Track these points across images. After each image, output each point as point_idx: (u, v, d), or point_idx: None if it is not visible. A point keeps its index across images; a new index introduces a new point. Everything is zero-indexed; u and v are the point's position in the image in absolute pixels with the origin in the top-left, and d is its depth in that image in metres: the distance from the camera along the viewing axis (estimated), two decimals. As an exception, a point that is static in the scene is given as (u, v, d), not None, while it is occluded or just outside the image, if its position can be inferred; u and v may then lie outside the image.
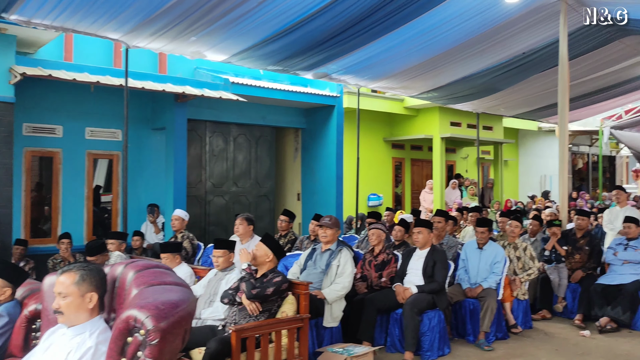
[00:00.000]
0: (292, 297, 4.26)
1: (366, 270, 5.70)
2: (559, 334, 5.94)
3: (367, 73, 8.80)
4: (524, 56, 8.69)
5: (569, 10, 7.06)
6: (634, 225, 6.49)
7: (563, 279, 6.66)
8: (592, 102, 11.95)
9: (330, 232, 5.22)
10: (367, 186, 13.39)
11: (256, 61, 7.60)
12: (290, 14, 6.16)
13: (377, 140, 14.17)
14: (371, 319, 5.17)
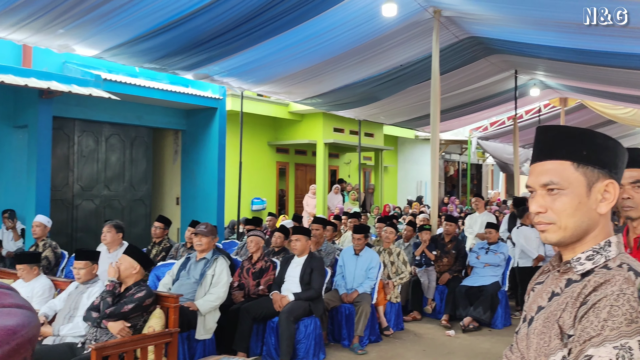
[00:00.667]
0: (160, 311, 4.05)
1: (244, 278, 5.60)
2: (428, 334, 6.23)
3: (251, 76, 8.70)
4: (402, 68, 9.08)
5: (441, 28, 7.47)
6: (495, 230, 7.01)
7: (432, 282, 7.02)
8: (461, 114, 12.78)
9: (206, 240, 5.05)
10: (250, 190, 13.27)
11: (131, 58, 7.20)
12: (168, 11, 5.89)
13: (262, 144, 14.10)
14: (247, 328, 5.08)
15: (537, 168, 1.30)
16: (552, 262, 1.36)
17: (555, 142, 1.29)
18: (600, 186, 1.25)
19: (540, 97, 13.08)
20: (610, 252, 1.24)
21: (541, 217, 1.28)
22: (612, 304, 1.11)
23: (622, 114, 13.33)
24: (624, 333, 1.08)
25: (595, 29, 6.51)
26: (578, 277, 1.24)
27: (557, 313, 1.23)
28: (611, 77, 8.96)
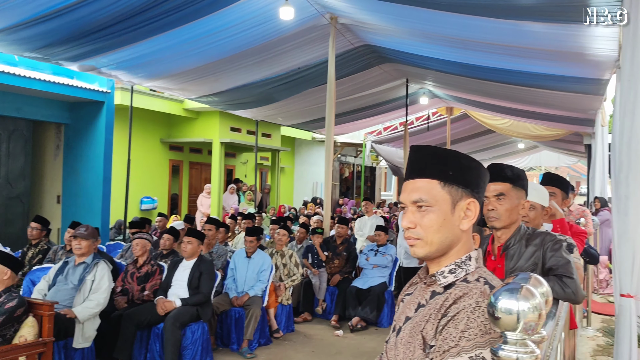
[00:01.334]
0: (33, 319, 3.77)
1: (128, 283, 5.36)
2: (317, 335, 6.33)
3: (142, 70, 8.34)
4: (299, 71, 9.16)
5: (338, 35, 7.63)
6: (383, 233, 7.27)
7: (323, 283, 7.14)
8: (356, 118, 13.14)
9: (86, 244, 4.77)
10: (140, 189, 12.74)
11: (10, 46, 6.63)
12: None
13: (154, 141, 13.58)
14: (129, 335, 4.86)
15: (409, 185, 1.36)
16: (420, 274, 1.43)
17: (425, 161, 1.35)
18: (463, 204, 1.33)
19: (429, 105, 13.78)
20: (470, 266, 1.33)
21: (410, 232, 1.34)
22: (468, 316, 1.19)
23: (500, 124, 14.39)
24: (479, 344, 1.16)
25: (476, 45, 6.99)
26: (441, 290, 1.31)
27: (421, 324, 1.29)
28: (491, 90, 9.64)
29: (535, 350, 1.02)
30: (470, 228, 1.36)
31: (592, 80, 6.96)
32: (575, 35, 5.50)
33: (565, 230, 2.98)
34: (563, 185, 3.76)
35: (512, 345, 1.02)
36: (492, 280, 1.30)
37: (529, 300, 1.02)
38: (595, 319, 6.87)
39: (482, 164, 1.40)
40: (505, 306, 1.02)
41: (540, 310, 1.02)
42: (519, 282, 1.12)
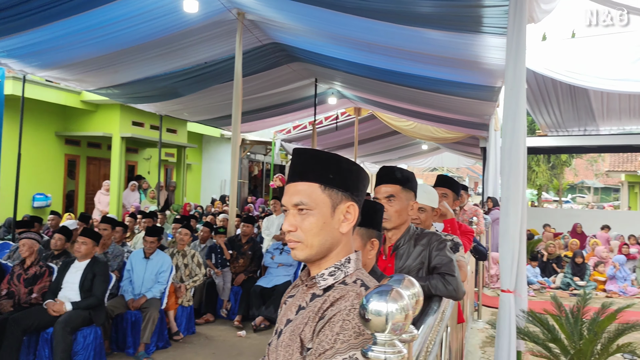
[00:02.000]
0: None
1: (14, 285, 4.99)
2: (219, 337, 6.23)
3: (36, 59, 7.81)
4: (206, 66, 8.96)
5: (245, 31, 7.54)
6: (288, 231, 7.28)
7: (227, 283, 7.04)
8: (266, 116, 13.09)
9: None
10: (32, 185, 11.90)
11: None
12: None
13: (48, 135, 12.73)
14: (15, 341, 4.54)
15: (291, 188, 1.36)
16: (302, 276, 1.43)
17: (306, 165, 1.36)
18: (343, 207, 1.35)
19: (337, 106, 14.01)
20: (349, 268, 1.35)
21: (291, 235, 1.34)
22: (344, 318, 1.20)
23: (405, 126, 14.94)
24: (353, 345, 1.17)
25: (381, 48, 7.19)
26: (321, 292, 1.32)
27: (300, 327, 1.29)
28: (395, 93, 9.97)
29: (402, 350, 1.05)
30: (350, 231, 1.38)
31: (486, 87, 7.39)
32: (470, 44, 5.81)
33: (455, 229, 3.14)
34: (454, 187, 3.97)
35: (381, 346, 1.05)
36: (369, 282, 1.32)
37: (397, 302, 1.05)
38: (486, 312, 7.30)
39: (363, 168, 1.43)
40: (375, 308, 1.04)
41: (407, 311, 1.05)
42: (391, 284, 1.15)
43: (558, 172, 22.58)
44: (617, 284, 9.42)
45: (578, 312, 3.86)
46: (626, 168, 23.74)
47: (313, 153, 1.37)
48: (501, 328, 3.00)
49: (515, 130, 2.96)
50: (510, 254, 2.97)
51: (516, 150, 2.96)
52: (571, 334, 3.73)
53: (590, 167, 31.26)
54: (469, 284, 5.65)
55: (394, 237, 2.45)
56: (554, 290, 9.25)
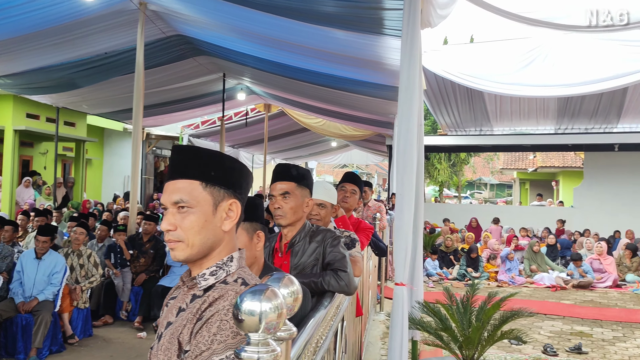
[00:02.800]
0: None
1: None
2: (118, 339, 5.99)
3: None
4: (106, 56, 8.55)
5: (147, 22, 7.27)
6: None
7: (127, 283, 6.78)
8: (172, 110, 12.72)
9: None
10: None
11: None
12: None
13: None
14: None
15: (170, 186, 1.33)
16: (183, 277, 1.41)
17: (187, 162, 1.33)
18: (225, 205, 1.34)
19: (247, 101, 13.89)
20: (231, 267, 1.34)
21: (171, 235, 1.31)
22: (222, 318, 1.20)
23: (314, 123, 15.11)
24: (230, 345, 1.17)
25: (288, 45, 7.22)
26: (201, 293, 1.30)
27: (179, 329, 1.27)
28: (304, 91, 10.05)
29: (276, 349, 1.06)
30: (233, 229, 1.37)
31: (389, 87, 7.63)
32: (373, 45, 5.98)
33: (347, 226, 3.21)
34: (361, 184, 4.09)
35: (255, 345, 1.05)
36: (251, 280, 1.32)
37: (272, 301, 1.06)
38: (388, 304, 7.54)
39: (245, 166, 1.43)
40: (249, 308, 1.04)
41: (281, 310, 1.06)
42: (269, 283, 1.16)
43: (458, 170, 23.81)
44: (506, 274, 10.10)
45: (467, 302, 4.09)
46: (518, 166, 25.51)
47: (194, 150, 1.35)
48: (395, 319, 3.12)
49: (409, 130, 3.08)
50: (404, 248, 3.10)
51: (410, 149, 3.09)
52: (461, 322, 3.94)
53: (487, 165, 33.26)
54: (371, 278, 5.83)
55: (290, 234, 2.47)
56: (451, 281, 9.76)
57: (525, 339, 4.07)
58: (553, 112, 12.50)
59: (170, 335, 1.29)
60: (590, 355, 5.59)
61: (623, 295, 9.02)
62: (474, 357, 3.90)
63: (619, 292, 9.26)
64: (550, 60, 9.51)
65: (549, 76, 9.48)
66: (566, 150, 17.14)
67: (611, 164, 14.16)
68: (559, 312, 7.54)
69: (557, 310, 7.70)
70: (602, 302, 8.39)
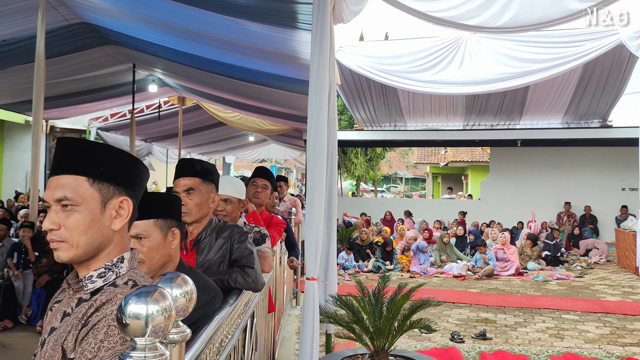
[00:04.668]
0: None
1: None
2: (19, 344, 5.63)
3: None
4: (4, 44, 7.95)
5: (49, 8, 6.81)
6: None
7: (28, 286, 6.36)
8: (78, 102, 12.06)
9: None
10: None
11: None
12: None
13: None
14: None
15: (53, 182, 1.24)
16: (69, 279, 1.32)
17: (72, 155, 1.24)
18: (115, 203, 1.26)
19: (160, 94, 13.41)
20: (122, 268, 1.27)
21: (54, 234, 1.22)
22: (109, 324, 1.13)
23: (231, 117, 14.86)
24: (118, 352, 1.11)
25: (201, 37, 7.03)
26: (88, 296, 1.23)
27: (63, 335, 1.19)
28: (219, 84, 9.85)
29: (164, 353, 1.01)
30: (124, 228, 1.30)
31: (304, 82, 7.61)
32: (287, 38, 5.95)
33: (259, 222, 3.18)
34: (273, 179, 4.06)
35: (141, 351, 0.99)
36: (143, 282, 1.26)
37: (159, 302, 1.01)
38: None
39: (140, 160, 1.35)
40: (134, 311, 0.99)
41: (169, 312, 1.01)
42: (159, 284, 1.10)
43: (374, 164, 24.37)
44: (419, 265, 10.48)
45: (379, 293, 4.18)
46: (430, 160, 26.56)
47: (81, 143, 1.27)
48: (306, 314, 3.13)
49: (319, 124, 3.09)
50: (314, 243, 3.10)
51: (320, 143, 3.09)
52: (372, 314, 4.03)
53: (402, 159, 34.30)
54: (286, 273, 5.81)
55: (195, 231, 2.40)
56: (366, 274, 9.98)
57: (435, 327, 4.23)
58: (462, 109, 13.10)
59: (54, 341, 1.20)
60: (494, 340, 5.91)
61: (525, 282, 9.61)
62: (385, 347, 4.00)
63: (521, 279, 9.86)
64: (459, 58, 9.95)
65: (458, 74, 9.91)
66: (474, 145, 18.04)
67: (514, 159, 15.06)
68: (466, 300, 7.92)
69: (464, 298, 8.08)
70: (506, 290, 8.90)
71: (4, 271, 6.32)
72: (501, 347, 5.58)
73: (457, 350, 5.38)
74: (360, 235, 11.12)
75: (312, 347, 3.05)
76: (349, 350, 4.47)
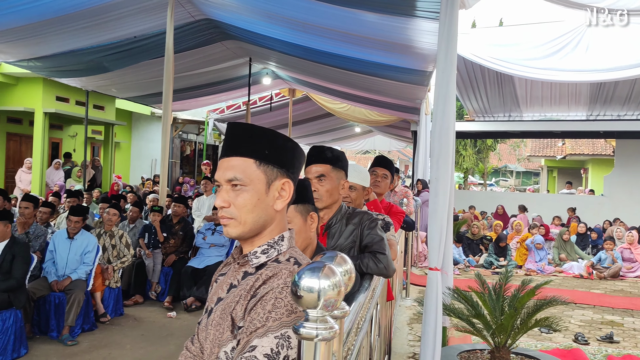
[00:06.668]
0: None
1: None
2: (149, 318, 6.10)
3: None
4: (135, 40, 8.60)
5: (177, 5, 7.28)
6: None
7: (157, 265, 6.88)
8: (199, 94, 12.78)
9: None
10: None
11: None
12: None
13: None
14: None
15: (224, 163, 1.33)
16: (234, 254, 1.41)
17: (241, 139, 1.33)
18: (278, 184, 1.33)
19: (272, 86, 13.88)
20: (283, 246, 1.34)
21: (224, 211, 1.31)
22: (276, 296, 1.20)
23: (339, 108, 15.03)
24: (285, 323, 1.17)
25: (316, 29, 7.16)
26: (253, 270, 1.31)
27: (231, 305, 1.28)
28: (330, 75, 9.99)
29: (334, 326, 1.06)
30: (284, 208, 1.37)
31: (418, 72, 7.54)
32: (404, 27, 5.90)
33: (379, 210, 3.19)
34: (392, 168, 4.06)
35: (313, 322, 1.05)
36: (303, 260, 1.32)
37: (330, 278, 1.05)
38: (414, 290, 7.54)
39: (299, 145, 1.41)
40: (307, 284, 1.04)
41: (339, 287, 1.06)
42: (323, 260, 1.15)
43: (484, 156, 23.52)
44: (535, 263, 9.99)
45: (500, 289, 4.06)
46: (546, 153, 25.08)
47: (248, 128, 1.35)
48: (428, 304, 3.11)
49: (445, 113, 3.04)
50: (438, 233, 3.07)
51: (446, 133, 3.05)
52: (493, 309, 3.92)
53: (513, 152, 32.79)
54: (398, 263, 5.81)
55: (326, 216, 2.47)
56: (477, 269, 9.69)
57: (557, 328, 4.03)
58: (585, 98, 12.23)
59: (221, 310, 1.30)
60: (622, 344, 5.51)
61: (654, 285, 8.86)
62: (506, 344, 3.88)
63: (649, 282, 9.10)
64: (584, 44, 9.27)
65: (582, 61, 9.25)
66: (597, 137, 16.80)
67: (643, 152, 13.86)
68: (589, 302, 7.44)
69: (587, 299, 7.60)
70: (633, 292, 8.25)
71: (136, 250, 6.88)
72: (630, 352, 5.19)
73: (582, 352, 5.08)
74: (471, 229, 10.80)
75: (435, 338, 3.03)
76: (466, 345, 4.39)
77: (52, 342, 5.09)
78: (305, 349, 1.06)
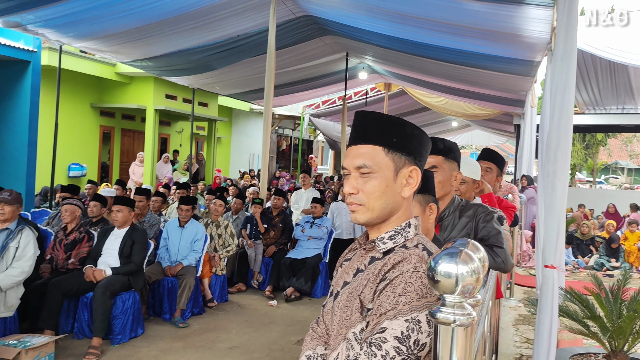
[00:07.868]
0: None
1: (55, 251, 5.13)
2: (251, 305, 6.34)
3: (72, 30, 7.87)
4: (238, 39, 8.92)
5: (279, 3, 7.46)
6: (319, 205, 7.32)
7: (258, 255, 7.13)
8: (295, 90, 13.04)
9: (9, 209, 4.50)
10: (68, 155, 12.16)
11: None
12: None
13: (83, 106, 12.94)
14: (55, 304, 4.68)
15: (353, 151, 1.35)
16: (360, 240, 1.43)
17: (370, 127, 1.34)
18: (405, 172, 1.33)
19: (368, 81, 13.86)
20: (410, 232, 1.34)
21: (353, 198, 1.33)
22: (406, 280, 1.20)
23: (436, 102, 14.72)
24: (415, 307, 1.17)
25: (416, 20, 7.05)
26: (380, 255, 1.32)
27: (359, 288, 1.30)
28: (428, 68, 9.80)
29: (472, 312, 1.05)
30: (411, 196, 1.37)
31: (524, 62, 7.19)
32: (511, 15, 5.64)
33: (494, 204, 3.09)
34: (499, 162, 3.89)
35: (450, 307, 1.04)
36: (430, 246, 1.32)
37: (468, 264, 1.04)
38: (518, 291, 7.25)
39: (426, 133, 1.40)
40: (445, 269, 1.03)
41: (478, 274, 1.04)
42: (457, 246, 1.13)
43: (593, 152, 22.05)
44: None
45: (618, 291, 3.81)
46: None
47: (377, 116, 1.36)
48: (543, 304, 2.96)
49: (564, 102, 2.88)
50: (555, 228, 2.92)
51: (565, 125, 2.88)
52: (610, 312, 3.68)
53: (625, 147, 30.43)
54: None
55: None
56: (587, 271, 9.12)
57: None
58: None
59: (348, 293, 1.32)
60: None
61: None
62: (624, 348, 3.64)
63: None
64: None
65: None
66: None
67: None
68: None
69: None
70: None
71: (239, 240, 7.16)
72: None
73: None
74: (581, 229, 10.18)
75: (550, 339, 2.89)
76: (579, 348, 4.15)
77: (165, 323, 5.44)
78: (442, 334, 1.05)
